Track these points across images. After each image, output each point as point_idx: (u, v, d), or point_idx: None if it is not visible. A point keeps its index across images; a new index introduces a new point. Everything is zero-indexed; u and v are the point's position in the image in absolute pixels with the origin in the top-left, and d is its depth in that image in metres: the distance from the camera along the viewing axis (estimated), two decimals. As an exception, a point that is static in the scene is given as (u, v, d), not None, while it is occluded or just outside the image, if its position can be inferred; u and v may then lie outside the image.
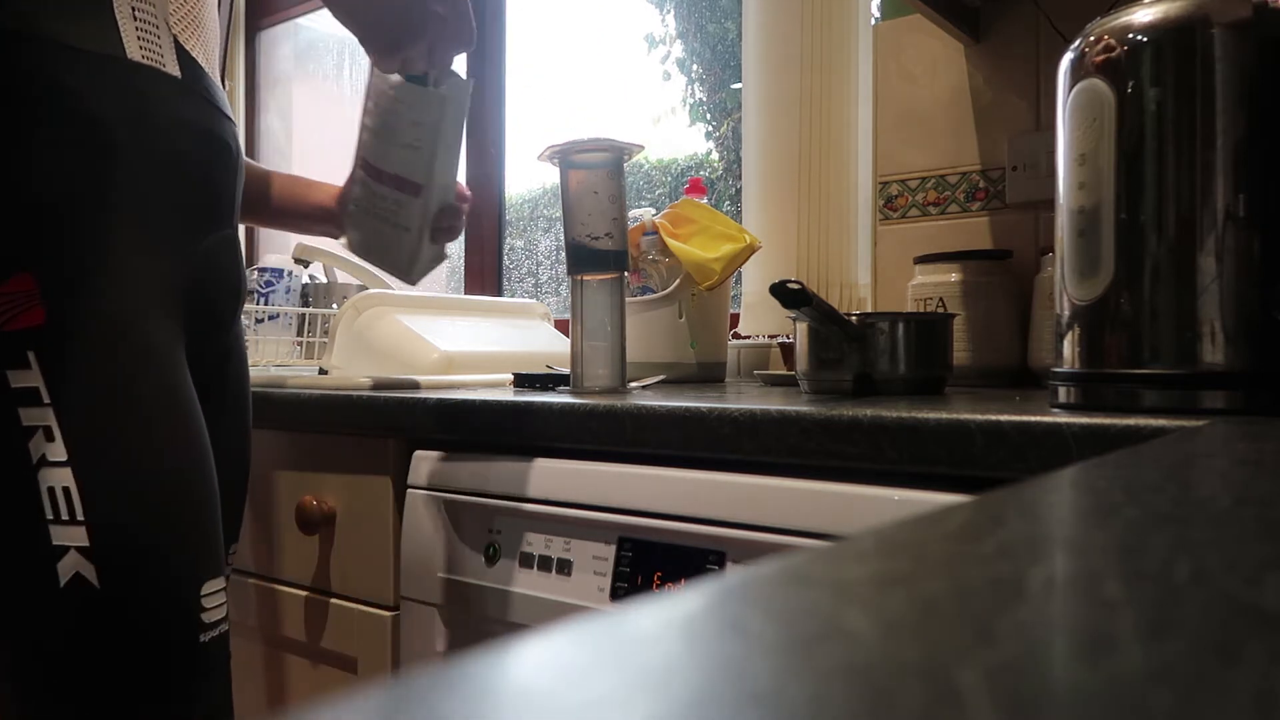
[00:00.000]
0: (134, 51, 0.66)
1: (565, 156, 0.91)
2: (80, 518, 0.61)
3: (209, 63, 0.74)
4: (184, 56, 0.70)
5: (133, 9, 0.66)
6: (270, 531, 1.01)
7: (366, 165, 0.85)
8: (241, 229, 1.01)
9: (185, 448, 0.66)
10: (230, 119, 0.75)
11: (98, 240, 0.63)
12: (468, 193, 0.93)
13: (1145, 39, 0.60)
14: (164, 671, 0.63)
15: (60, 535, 0.61)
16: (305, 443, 0.98)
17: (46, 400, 0.61)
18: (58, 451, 0.61)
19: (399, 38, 0.76)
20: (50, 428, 0.61)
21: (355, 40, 0.78)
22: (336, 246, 1.17)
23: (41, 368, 0.61)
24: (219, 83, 0.76)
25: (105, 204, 0.64)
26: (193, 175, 0.70)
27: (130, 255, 0.65)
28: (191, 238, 0.71)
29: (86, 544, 0.61)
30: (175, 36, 0.69)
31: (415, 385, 0.97)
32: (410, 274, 0.88)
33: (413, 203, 0.84)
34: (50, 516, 0.61)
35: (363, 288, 1.54)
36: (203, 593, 0.66)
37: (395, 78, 0.81)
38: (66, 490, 0.61)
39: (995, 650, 0.12)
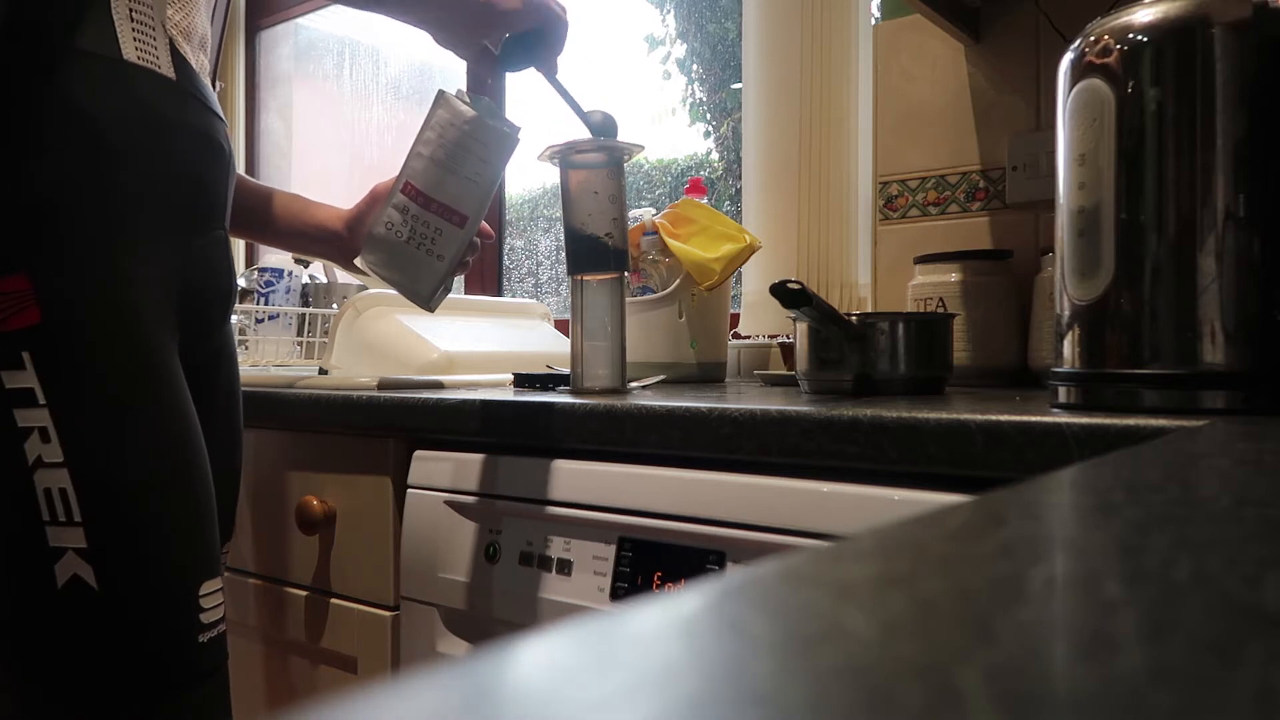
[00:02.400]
0: (130, 53, 0.66)
1: (565, 156, 0.90)
2: (77, 519, 0.60)
3: (203, 65, 0.74)
4: (179, 58, 0.70)
5: (130, 10, 0.66)
6: (270, 531, 1.01)
7: (414, 191, 0.85)
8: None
9: (181, 447, 0.66)
10: (222, 120, 0.75)
11: (92, 240, 0.63)
12: (491, 232, 0.94)
13: (1145, 39, 0.60)
14: (162, 672, 0.63)
15: (57, 537, 0.60)
16: (305, 443, 0.98)
17: (42, 401, 0.61)
18: (54, 453, 0.60)
19: (548, 39, 0.81)
20: (46, 429, 0.61)
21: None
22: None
23: (37, 368, 0.61)
24: (211, 84, 0.76)
25: (100, 204, 0.64)
26: (186, 176, 0.70)
27: (124, 255, 0.65)
28: (185, 238, 0.71)
29: (84, 545, 0.60)
30: (171, 39, 0.69)
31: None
32: (431, 302, 0.88)
33: (455, 233, 0.85)
34: (47, 518, 0.60)
35: (363, 288, 1.54)
36: (201, 593, 0.65)
37: (471, 112, 0.83)
38: (63, 491, 0.60)
39: (995, 650, 0.12)
